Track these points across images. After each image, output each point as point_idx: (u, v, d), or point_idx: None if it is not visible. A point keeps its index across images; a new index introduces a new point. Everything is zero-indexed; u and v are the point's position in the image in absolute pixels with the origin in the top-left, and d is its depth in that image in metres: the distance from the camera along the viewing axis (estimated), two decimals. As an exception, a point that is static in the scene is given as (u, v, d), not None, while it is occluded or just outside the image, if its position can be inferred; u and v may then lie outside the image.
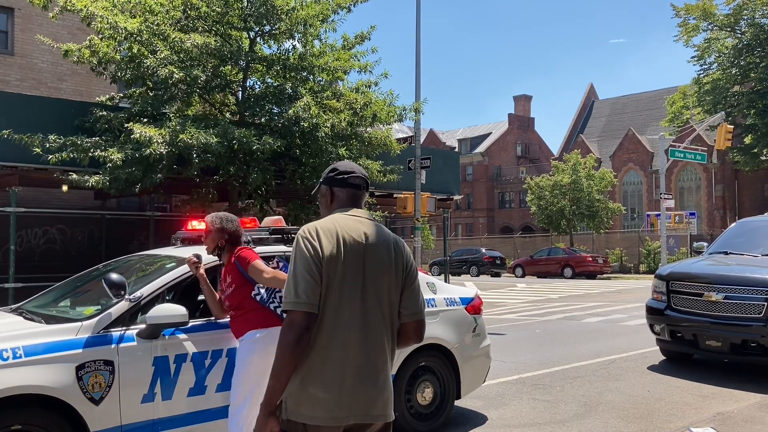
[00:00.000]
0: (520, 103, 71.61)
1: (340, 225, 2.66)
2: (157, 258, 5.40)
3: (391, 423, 2.70)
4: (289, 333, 2.49)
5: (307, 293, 2.51)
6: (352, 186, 2.82)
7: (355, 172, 2.84)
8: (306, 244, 2.59)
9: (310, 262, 2.54)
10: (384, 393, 2.64)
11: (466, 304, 6.23)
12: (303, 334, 2.49)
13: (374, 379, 2.61)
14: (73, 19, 13.92)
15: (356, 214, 2.76)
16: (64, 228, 15.33)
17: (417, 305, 2.75)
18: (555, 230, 41.65)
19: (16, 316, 4.73)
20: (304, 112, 12.04)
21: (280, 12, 12.82)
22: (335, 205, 2.81)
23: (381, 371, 2.63)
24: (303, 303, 2.50)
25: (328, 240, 2.59)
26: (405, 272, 2.75)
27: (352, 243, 2.63)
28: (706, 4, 37.88)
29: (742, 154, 39.12)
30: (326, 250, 2.57)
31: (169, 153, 11.17)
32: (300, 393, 2.54)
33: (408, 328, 2.74)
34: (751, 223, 10.41)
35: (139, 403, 4.22)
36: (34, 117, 12.09)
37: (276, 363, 2.50)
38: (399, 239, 2.83)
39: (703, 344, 8.15)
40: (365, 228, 2.71)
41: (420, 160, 18.47)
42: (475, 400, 6.87)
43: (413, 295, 2.75)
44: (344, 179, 2.82)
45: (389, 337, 2.69)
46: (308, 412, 2.52)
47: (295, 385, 2.54)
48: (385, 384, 2.65)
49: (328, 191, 2.84)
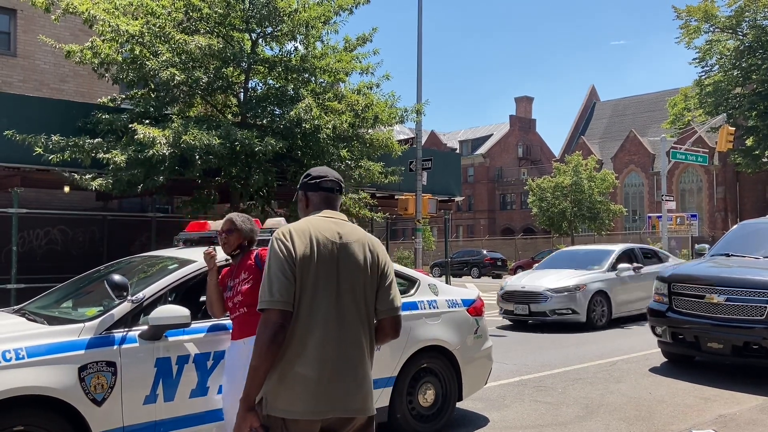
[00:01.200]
0: (521, 104, 71.63)
1: (313, 226, 2.78)
2: (160, 259, 5.40)
3: (373, 417, 2.78)
4: (265, 330, 2.59)
5: (281, 292, 2.61)
6: (325, 189, 2.95)
7: (328, 176, 2.97)
8: (279, 245, 2.70)
9: (283, 263, 2.65)
10: (363, 387, 2.72)
11: (467, 305, 6.23)
12: (278, 331, 2.59)
13: (352, 373, 2.69)
14: (75, 21, 13.94)
15: (331, 215, 2.89)
16: (66, 229, 15.36)
17: (392, 302, 2.85)
18: (556, 232, 41.63)
19: (18, 317, 4.73)
20: (305, 113, 12.05)
21: (282, 14, 12.84)
22: (311, 209, 2.94)
23: (359, 366, 2.72)
24: (277, 301, 2.61)
25: (301, 241, 2.70)
26: (380, 270, 2.85)
27: (325, 243, 2.74)
28: (708, 6, 37.86)
29: (744, 156, 39.08)
30: (299, 250, 2.68)
31: (171, 154, 11.19)
32: (279, 389, 2.62)
33: (384, 324, 2.85)
34: (752, 225, 10.41)
35: (141, 404, 4.22)
36: (37, 118, 12.11)
37: (253, 359, 2.59)
38: (374, 239, 2.94)
39: (705, 346, 8.14)
40: (339, 228, 2.82)
41: (421, 161, 18.47)
42: (477, 402, 6.87)
43: (388, 292, 2.85)
44: (317, 183, 2.95)
45: (366, 334, 2.78)
46: (287, 407, 2.60)
47: (274, 381, 2.63)
48: (363, 378, 2.73)
49: (303, 196, 2.98)
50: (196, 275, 4.80)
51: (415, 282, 6.04)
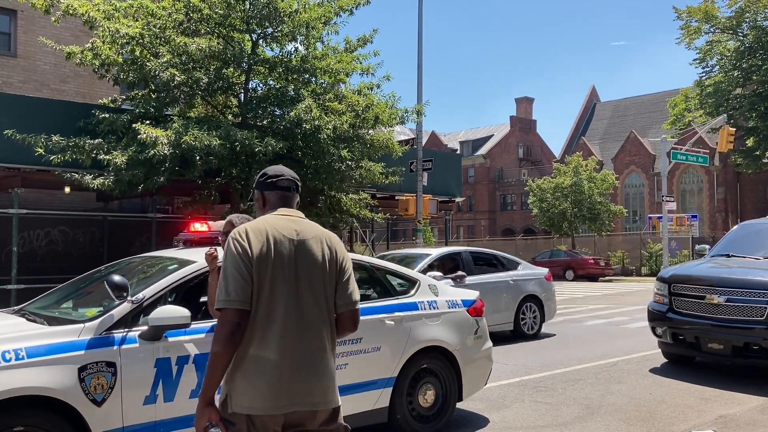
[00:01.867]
0: (521, 105, 71.63)
1: (270, 224, 2.82)
2: (160, 260, 5.40)
3: (338, 409, 2.83)
4: (222, 330, 2.64)
5: (237, 291, 2.65)
6: (281, 188, 2.98)
7: (284, 175, 3.00)
8: (235, 244, 2.73)
9: (239, 262, 2.69)
10: (324, 380, 2.77)
11: (467, 306, 6.23)
12: (235, 330, 2.63)
13: (313, 368, 2.74)
14: (76, 21, 13.95)
15: (288, 213, 2.92)
16: (66, 229, 15.36)
17: (350, 296, 2.90)
18: (557, 232, 41.62)
19: (18, 318, 4.73)
20: (305, 114, 12.06)
21: (283, 14, 12.85)
22: (267, 208, 2.98)
23: (320, 360, 2.77)
24: (234, 300, 2.64)
25: (257, 239, 2.74)
26: (338, 266, 2.90)
27: (282, 240, 2.78)
28: (708, 7, 37.87)
29: (744, 156, 39.09)
30: (255, 249, 2.71)
31: (172, 155, 11.20)
32: (241, 385, 2.67)
33: (343, 318, 2.90)
34: (753, 226, 10.40)
35: (141, 404, 4.22)
36: (37, 119, 12.12)
37: (210, 358, 2.65)
38: (332, 234, 2.98)
39: (705, 347, 8.14)
40: (296, 226, 2.87)
41: (422, 162, 18.49)
42: (477, 403, 6.87)
43: (347, 287, 2.90)
44: (274, 182, 2.98)
45: (327, 328, 2.83)
46: (250, 403, 2.65)
47: (237, 379, 2.68)
48: (324, 371, 2.78)
49: (260, 195, 3.02)
50: (196, 276, 4.80)
51: (415, 282, 6.05)
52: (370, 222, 17.68)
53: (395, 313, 5.60)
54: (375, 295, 5.80)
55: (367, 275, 5.90)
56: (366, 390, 5.30)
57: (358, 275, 5.95)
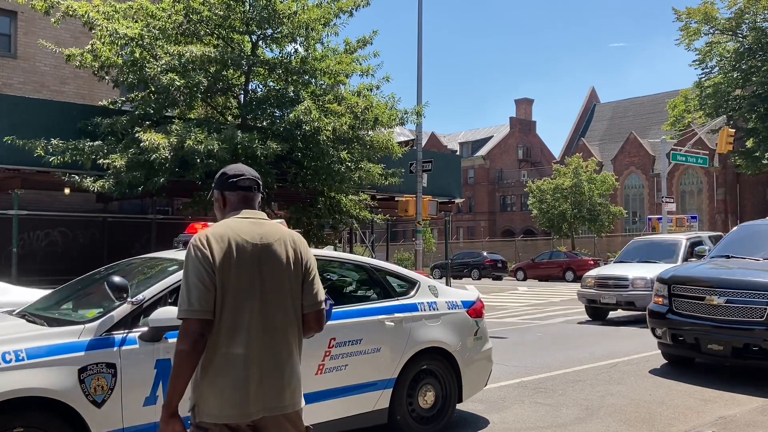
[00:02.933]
0: (521, 106, 71.65)
1: (232, 228, 2.74)
2: (160, 261, 5.40)
3: (300, 411, 2.81)
4: (184, 341, 2.58)
5: (200, 301, 2.60)
6: (243, 188, 2.88)
7: (244, 175, 2.90)
8: (196, 252, 2.66)
9: (201, 270, 2.63)
10: (291, 384, 2.75)
11: (467, 307, 6.23)
12: (197, 340, 2.58)
13: (279, 372, 2.72)
14: (76, 23, 13.96)
15: (250, 215, 2.84)
16: (66, 231, 15.36)
17: (315, 297, 2.86)
18: (556, 234, 41.65)
19: (18, 319, 4.73)
20: (305, 115, 12.06)
21: (282, 16, 12.86)
22: (228, 209, 2.88)
23: (286, 364, 2.75)
24: (196, 311, 2.59)
25: (219, 246, 2.66)
26: (303, 267, 2.85)
27: (244, 245, 2.71)
28: (708, 8, 37.90)
29: (744, 157, 39.10)
30: (217, 255, 2.65)
31: (172, 157, 11.21)
32: (208, 394, 2.64)
33: (309, 318, 2.85)
34: (752, 227, 10.40)
35: (141, 406, 4.22)
36: (37, 120, 12.14)
37: (173, 369, 2.60)
38: (295, 234, 2.93)
39: (705, 348, 8.14)
40: (259, 229, 2.79)
41: (422, 163, 18.49)
42: (477, 404, 6.87)
43: (312, 287, 2.85)
44: (234, 182, 2.88)
45: (294, 331, 2.81)
46: (219, 412, 2.62)
47: (203, 388, 2.65)
48: (291, 376, 2.76)
49: (220, 196, 2.92)
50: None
51: (415, 284, 6.04)
52: (370, 223, 17.68)
53: (395, 314, 5.60)
54: (375, 297, 5.80)
55: (366, 276, 5.90)
56: (366, 391, 5.30)
57: (358, 276, 5.99)
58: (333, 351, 5.10)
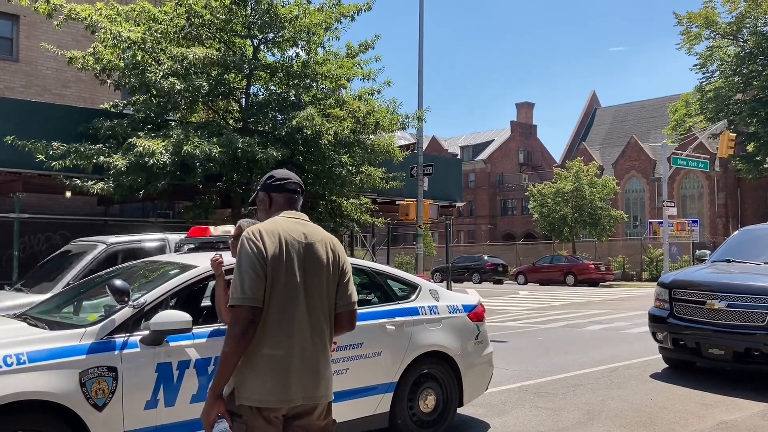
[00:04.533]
0: (522, 110, 71.69)
1: (281, 227, 2.93)
2: (161, 264, 5.42)
3: (331, 402, 3.00)
4: (236, 326, 2.73)
5: (252, 289, 2.75)
6: (289, 191, 3.12)
7: (291, 179, 3.14)
8: (250, 244, 2.83)
9: (254, 261, 2.79)
10: (326, 376, 2.94)
11: (468, 311, 6.23)
12: (248, 326, 2.73)
13: (316, 364, 2.89)
14: (78, 26, 13.99)
15: (296, 216, 3.05)
16: (68, 234, 15.31)
17: (350, 297, 3.05)
18: (557, 238, 41.62)
19: (20, 322, 4.74)
20: (307, 121, 12.08)
21: (283, 20, 12.89)
22: (273, 210, 3.09)
23: (322, 357, 2.92)
24: (248, 298, 2.74)
25: (270, 240, 2.85)
26: (340, 268, 3.04)
27: (293, 243, 2.90)
28: (709, 12, 37.94)
29: (745, 162, 39.10)
30: (269, 249, 2.82)
31: (172, 161, 11.22)
32: (249, 380, 2.77)
33: (342, 318, 3.04)
34: (753, 231, 10.40)
35: (142, 409, 4.22)
36: (39, 123, 12.15)
37: (223, 353, 2.73)
38: (334, 238, 3.12)
39: (706, 352, 8.13)
40: (304, 228, 2.99)
41: (422, 167, 18.50)
42: (478, 408, 6.86)
43: (347, 288, 3.05)
44: (281, 185, 3.11)
45: (328, 326, 2.98)
46: (260, 396, 2.76)
47: (245, 373, 2.78)
48: (326, 368, 2.95)
49: (266, 197, 3.13)
50: (198, 280, 4.81)
51: (416, 287, 6.04)
52: (371, 227, 17.67)
53: (396, 318, 5.59)
54: (376, 300, 5.80)
55: (368, 280, 5.90)
56: (367, 395, 5.30)
57: (359, 280, 5.99)
58: (334, 355, 5.07)
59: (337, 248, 3.06)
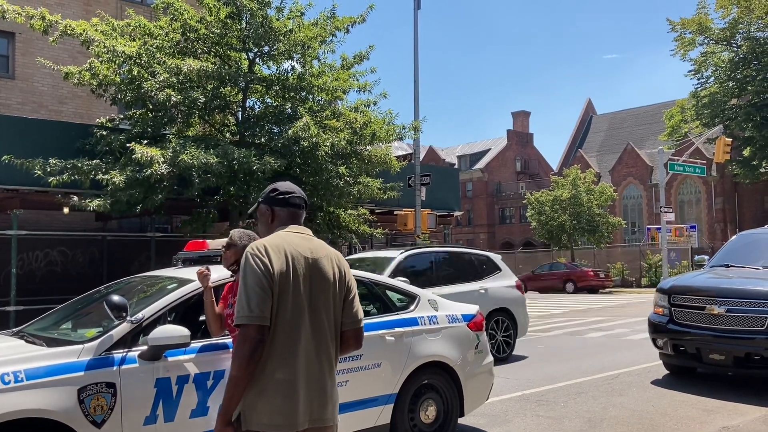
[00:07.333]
0: (518, 119, 71.84)
1: (287, 242, 2.83)
2: (159, 279, 5.40)
3: (336, 425, 2.89)
4: (244, 346, 2.62)
5: (260, 307, 2.64)
6: (293, 205, 3.01)
7: (296, 193, 3.03)
8: (256, 260, 2.71)
9: (261, 277, 2.67)
10: (332, 398, 2.85)
11: (468, 320, 6.22)
12: (257, 346, 2.62)
13: (323, 385, 2.80)
14: (74, 42, 14.03)
15: (301, 231, 2.95)
16: (66, 250, 15.33)
17: (356, 315, 2.95)
18: (556, 245, 41.62)
19: (17, 340, 4.72)
20: (303, 132, 12.10)
21: (278, 34, 12.94)
22: (276, 224, 2.98)
23: (329, 378, 2.83)
24: (256, 317, 2.63)
25: (276, 256, 2.74)
26: (346, 285, 2.95)
27: (299, 258, 2.80)
28: (702, 18, 38.15)
29: (741, 166, 39.19)
30: (276, 265, 2.71)
31: (170, 174, 11.22)
32: (257, 403, 2.67)
33: (348, 336, 2.93)
34: (751, 236, 10.40)
35: (141, 425, 4.20)
36: (36, 140, 12.16)
37: (232, 375, 2.63)
38: (339, 254, 3.02)
39: (707, 358, 8.12)
40: (310, 244, 2.90)
41: (420, 177, 18.54)
42: (479, 418, 6.84)
43: (352, 306, 2.95)
44: (286, 199, 3.00)
45: (334, 345, 2.88)
46: (269, 421, 2.66)
47: (252, 395, 2.67)
48: (332, 390, 2.86)
49: (268, 210, 3.01)
50: (196, 295, 4.80)
51: (415, 298, 6.03)
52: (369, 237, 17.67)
53: (395, 329, 5.58)
54: (375, 311, 5.79)
55: (366, 291, 5.88)
56: (367, 407, 5.28)
57: (357, 291, 5.97)
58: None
59: (343, 264, 2.97)
